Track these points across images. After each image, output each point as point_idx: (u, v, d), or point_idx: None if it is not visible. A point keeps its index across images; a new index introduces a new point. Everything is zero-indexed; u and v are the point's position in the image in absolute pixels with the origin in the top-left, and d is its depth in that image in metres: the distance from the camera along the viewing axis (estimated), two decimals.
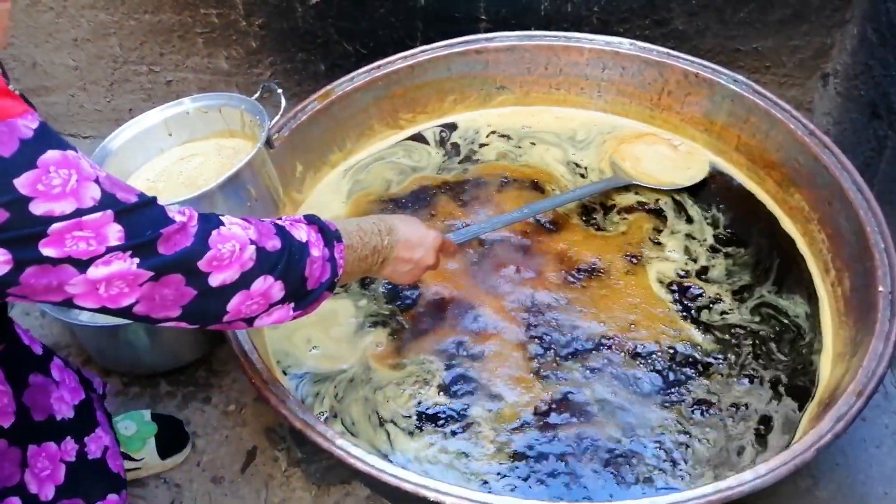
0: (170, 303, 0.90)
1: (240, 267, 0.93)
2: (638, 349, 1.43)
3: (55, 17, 2.05)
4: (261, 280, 0.96)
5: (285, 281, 0.99)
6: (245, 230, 0.96)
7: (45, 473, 1.15)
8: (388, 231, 1.18)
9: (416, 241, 1.23)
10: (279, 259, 0.98)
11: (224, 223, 0.95)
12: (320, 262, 1.04)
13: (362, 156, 1.81)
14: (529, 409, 1.36)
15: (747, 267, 1.56)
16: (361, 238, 1.14)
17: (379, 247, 1.17)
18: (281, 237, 0.99)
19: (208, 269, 0.91)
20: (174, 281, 0.89)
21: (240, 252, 0.93)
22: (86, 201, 0.80)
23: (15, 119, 0.77)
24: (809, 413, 1.34)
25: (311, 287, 1.03)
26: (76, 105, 2.24)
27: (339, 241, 1.08)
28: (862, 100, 1.84)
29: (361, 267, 1.16)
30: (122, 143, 1.37)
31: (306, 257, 1.01)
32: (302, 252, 1.01)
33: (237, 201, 1.30)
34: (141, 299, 0.88)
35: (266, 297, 0.98)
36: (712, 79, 1.71)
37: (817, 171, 1.55)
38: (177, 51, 2.10)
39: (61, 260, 0.80)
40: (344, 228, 1.12)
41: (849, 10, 1.88)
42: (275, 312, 1.02)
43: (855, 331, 1.38)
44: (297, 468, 1.57)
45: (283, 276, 0.98)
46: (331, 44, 2.04)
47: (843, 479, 1.53)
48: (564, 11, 1.93)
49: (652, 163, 1.75)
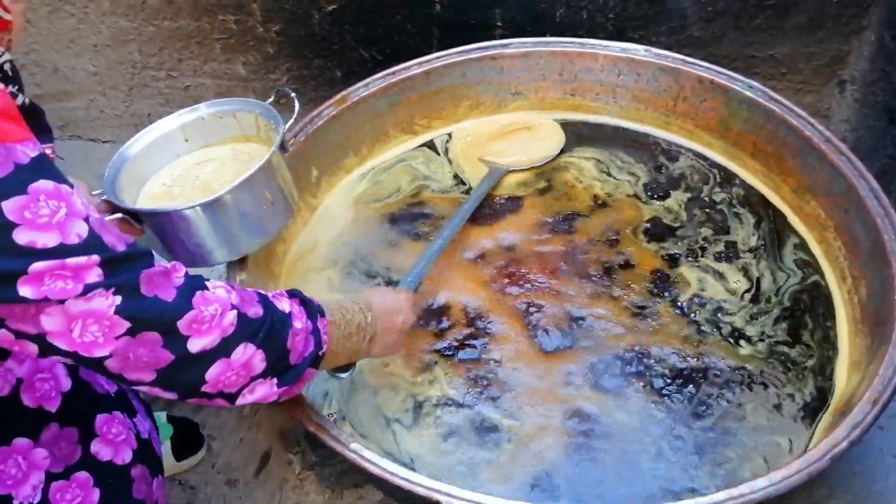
0: (143, 364, 0.87)
1: (221, 332, 0.90)
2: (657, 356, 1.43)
3: (76, 24, 2.08)
4: (241, 348, 0.93)
5: (267, 350, 0.95)
6: (228, 293, 0.93)
7: (120, 438, 1.15)
8: (367, 307, 1.15)
9: (392, 308, 1.20)
10: (261, 326, 0.95)
11: (208, 286, 0.92)
12: (303, 335, 1.01)
13: (377, 161, 1.82)
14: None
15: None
16: (343, 315, 1.11)
17: (363, 324, 1.13)
18: (263, 305, 0.97)
19: (188, 331, 0.88)
20: (151, 340, 0.86)
21: (220, 316, 0.90)
22: (70, 237, 0.79)
23: (14, 144, 0.77)
24: (824, 422, 1.33)
25: (294, 361, 1.00)
26: (96, 110, 2.27)
27: (322, 315, 1.06)
28: (879, 106, 1.82)
29: (347, 346, 1.12)
30: (139, 149, 1.39)
31: (288, 328, 0.99)
32: (284, 322, 0.99)
33: (253, 204, 1.31)
34: (114, 354, 0.84)
35: (247, 369, 0.95)
36: (728, 85, 1.70)
37: (834, 179, 1.54)
38: (195, 56, 2.12)
39: (38, 301, 0.78)
40: (326, 304, 1.10)
41: (866, 16, 1.87)
42: (257, 388, 0.98)
43: (871, 339, 1.37)
44: (311, 472, 1.58)
45: (265, 344, 0.95)
46: (347, 50, 2.05)
47: (860, 489, 1.52)
48: (580, 18, 1.93)
49: (518, 150, 1.80)
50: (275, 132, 1.36)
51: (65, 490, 1.06)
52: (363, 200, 1.75)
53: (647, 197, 1.70)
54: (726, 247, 1.60)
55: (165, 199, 1.37)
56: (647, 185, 1.73)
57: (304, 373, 1.03)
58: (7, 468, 1.03)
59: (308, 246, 1.66)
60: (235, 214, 1.29)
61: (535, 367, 1.42)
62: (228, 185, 1.27)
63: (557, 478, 1.29)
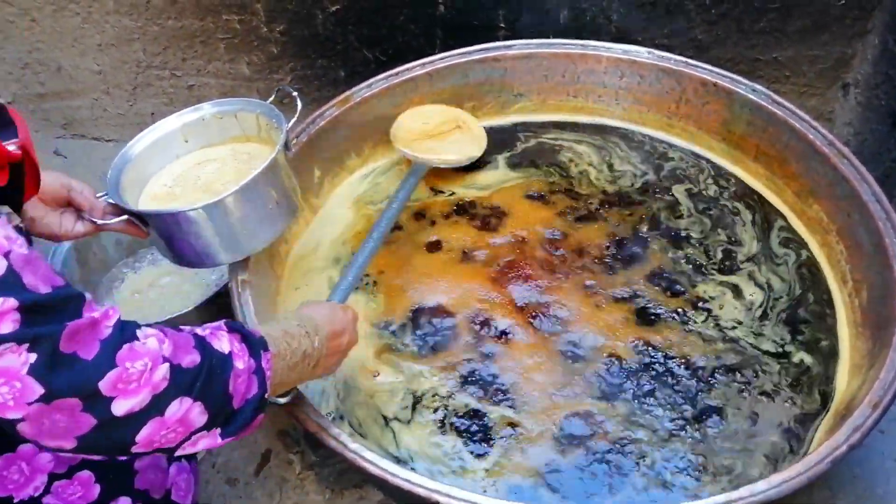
0: (61, 431, 0.77)
1: (151, 389, 0.80)
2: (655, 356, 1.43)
3: (81, 23, 2.08)
4: (176, 403, 0.83)
5: (206, 401, 0.86)
6: (160, 343, 0.83)
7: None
8: (314, 331, 1.08)
9: (339, 329, 1.14)
10: (197, 376, 0.85)
11: (139, 336, 0.82)
12: (245, 375, 0.92)
13: (380, 162, 1.83)
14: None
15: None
16: (289, 344, 1.03)
17: (309, 350, 1.06)
18: (200, 350, 0.87)
19: (112, 392, 0.77)
20: (68, 406, 0.75)
21: (151, 371, 0.80)
22: None
23: None
24: (825, 425, 1.33)
25: (237, 405, 0.92)
26: (100, 109, 2.28)
27: (265, 349, 0.98)
28: (883, 110, 1.82)
29: (291, 377, 1.05)
30: (140, 149, 1.39)
31: (229, 370, 0.90)
32: (224, 365, 0.89)
33: (260, 204, 1.31)
34: (28, 419, 0.75)
35: (185, 424, 0.85)
36: (731, 88, 1.71)
37: (836, 182, 1.54)
38: (199, 56, 2.12)
39: None
40: (269, 335, 1.01)
41: (870, 20, 1.87)
42: (200, 441, 0.89)
43: (872, 342, 1.37)
44: (311, 471, 1.58)
45: (203, 395, 0.86)
46: (350, 50, 2.06)
47: (861, 492, 1.51)
48: (583, 20, 1.93)
49: (447, 150, 1.76)
50: (277, 131, 1.36)
51: (66, 487, 1.07)
52: (363, 201, 1.75)
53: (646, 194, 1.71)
54: (726, 253, 1.60)
55: (167, 199, 1.37)
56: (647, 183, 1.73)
57: (251, 418, 0.94)
58: (10, 474, 1.03)
59: (310, 246, 1.66)
60: (242, 215, 1.29)
61: (536, 366, 1.42)
62: (232, 184, 1.27)
63: (558, 477, 1.29)
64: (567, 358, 1.43)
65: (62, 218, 1.21)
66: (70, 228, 1.22)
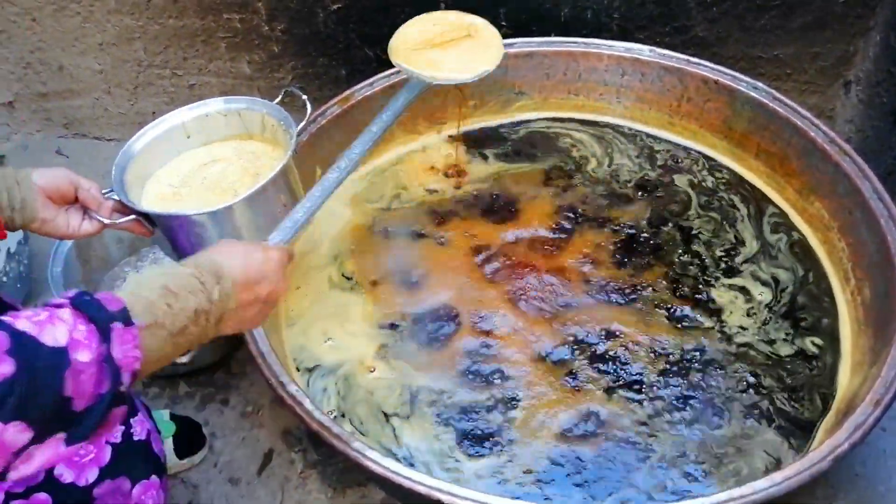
0: None
1: None
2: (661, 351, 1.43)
3: (82, 22, 2.08)
4: None
5: (27, 417, 0.70)
6: None
7: (87, 459, 1.08)
8: (214, 280, 0.91)
9: (255, 274, 0.97)
10: (10, 391, 0.69)
11: None
12: (92, 370, 0.75)
13: (380, 161, 1.82)
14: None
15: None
16: (171, 307, 0.85)
17: (204, 306, 0.89)
18: (17, 354, 0.70)
19: None
20: None
21: None
22: None
23: None
24: (826, 423, 1.33)
25: (80, 407, 0.75)
26: (101, 108, 2.28)
27: (127, 324, 0.80)
28: (884, 107, 1.82)
29: (180, 343, 0.87)
30: (143, 145, 1.38)
31: (64, 369, 0.73)
32: (56, 364, 0.73)
33: (268, 208, 1.30)
34: None
35: (1, 448, 0.70)
36: (732, 86, 1.70)
37: (838, 180, 1.54)
38: (200, 55, 2.12)
39: None
40: (142, 298, 0.84)
41: (872, 17, 1.86)
42: (35, 457, 0.73)
43: (874, 340, 1.37)
44: (314, 470, 1.58)
45: (20, 412, 0.70)
46: (352, 49, 2.05)
47: (863, 490, 1.51)
48: (584, 18, 1.93)
49: (452, 63, 1.53)
50: (283, 132, 1.35)
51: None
52: (362, 200, 1.75)
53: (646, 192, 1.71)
54: (728, 252, 1.60)
55: (173, 200, 1.36)
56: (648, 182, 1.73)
57: (106, 416, 0.78)
58: None
59: (311, 244, 1.66)
60: (251, 219, 1.28)
61: (537, 364, 1.43)
62: (238, 184, 1.26)
63: (559, 475, 1.29)
64: (569, 355, 1.43)
65: (69, 216, 1.20)
66: (77, 227, 1.21)
